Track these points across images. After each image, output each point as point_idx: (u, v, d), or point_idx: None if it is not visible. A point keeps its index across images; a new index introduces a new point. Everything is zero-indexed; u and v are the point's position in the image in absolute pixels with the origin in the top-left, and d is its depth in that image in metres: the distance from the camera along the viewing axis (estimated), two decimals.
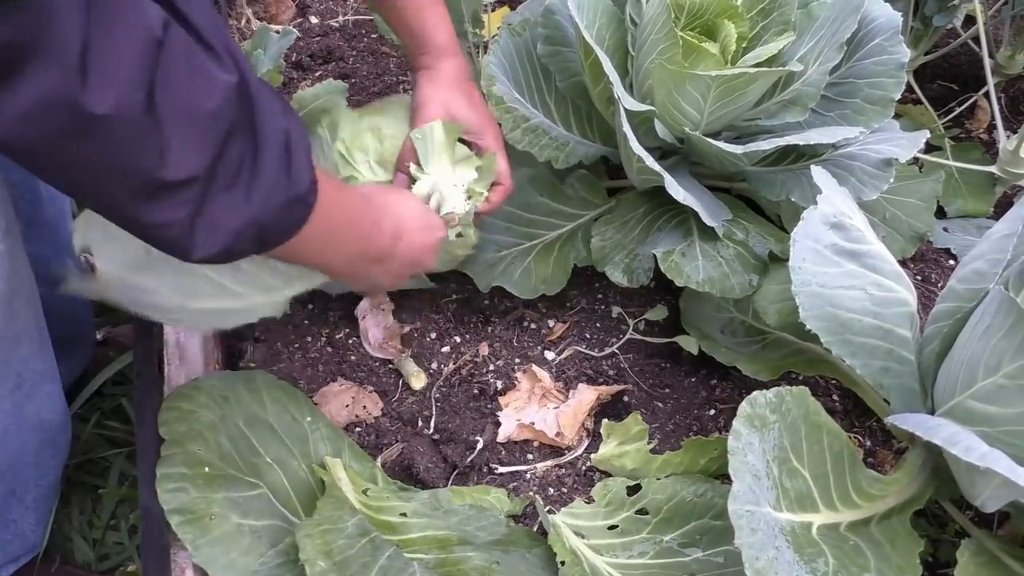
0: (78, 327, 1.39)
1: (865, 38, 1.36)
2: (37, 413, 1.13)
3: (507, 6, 1.97)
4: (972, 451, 0.90)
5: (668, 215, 1.43)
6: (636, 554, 1.12)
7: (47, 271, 1.24)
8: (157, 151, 0.72)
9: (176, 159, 0.73)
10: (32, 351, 1.09)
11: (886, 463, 1.32)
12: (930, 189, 1.58)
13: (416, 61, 1.27)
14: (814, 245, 1.12)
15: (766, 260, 1.34)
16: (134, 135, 0.70)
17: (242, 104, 0.77)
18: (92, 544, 1.32)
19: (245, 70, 0.78)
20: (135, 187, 0.74)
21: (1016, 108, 1.98)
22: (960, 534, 1.22)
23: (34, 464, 1.16)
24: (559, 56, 1.44)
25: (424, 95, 1.25)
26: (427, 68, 1.25)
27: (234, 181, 0.79)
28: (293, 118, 0.87)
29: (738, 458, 0.93)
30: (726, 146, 1.28)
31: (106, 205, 0.77)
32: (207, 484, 0.99)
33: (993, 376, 0.94)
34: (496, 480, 1.28)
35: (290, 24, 2.03)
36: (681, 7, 1.30)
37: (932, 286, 1.59)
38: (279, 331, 1.43)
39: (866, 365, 1.13)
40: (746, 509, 0.90)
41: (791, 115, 1.35)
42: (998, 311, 0.94)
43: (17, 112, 0.65)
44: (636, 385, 1.40)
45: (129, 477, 1.38)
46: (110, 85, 0.67)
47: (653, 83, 1.29)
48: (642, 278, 1.39)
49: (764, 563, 0.88)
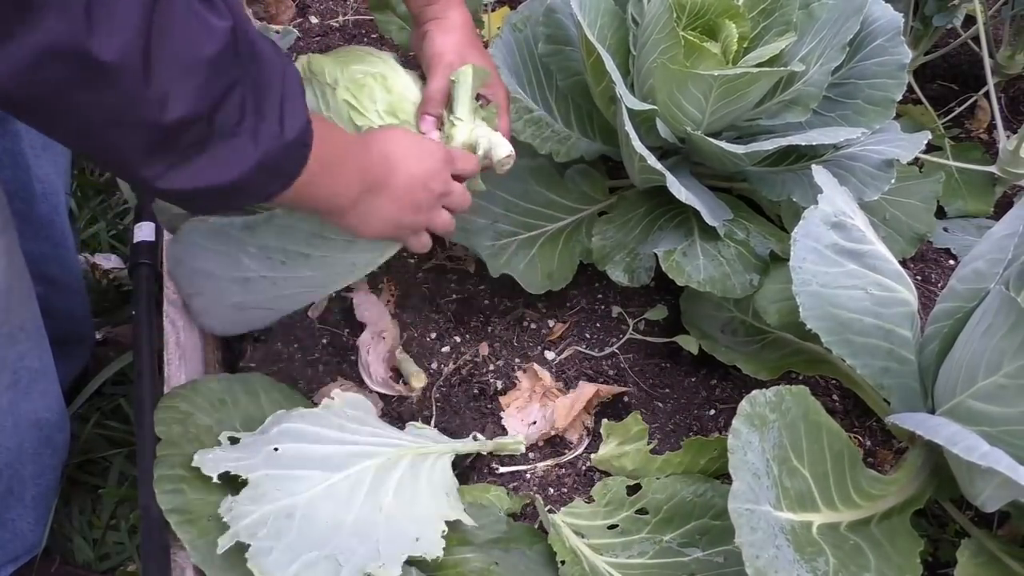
0: (76, 326, 1.39)
1: (866, 39, 1.36)
2: (34, 411, 1.13)
3: (507, 6, 1.97)
4: (973, 450, 0.90)
5: (669, 215, 1.43)
6: (636, 553, 1.12)
7: (43, 268, 1.24)
8: (159, 99, 0.72)
9: (178, 105, 0.73)
10: (28, 348, 1.09)
11: (886, 463, 1.32)
12: (930, 189, 1.58)
13: (424, 13, 1.23)
14: (815, 245, 1.12)
15: (767, 260, 1.34)
16: (137, 82, 0.70)
17: (239, 49, 0.78)
18: (92, 544, 1.31)
19: (239, 14, 0.78)
20: (139, 135, 0.74)
21: (1016, 108, 1.98)
22: (960, 534, 1.22)
23: (32, 463, 1.16)
24: (560, 55, 1.44)
25: (440, 44, 1.21)
26: (438, 18, 1.22)
27: (238, 126, 0.79)
28: (288, 61, 0.87)
29: (738, 456, 0.93)
30: (728, 146, 1.28)
31: (110, 156, 0.78)
32: (204, 487, 0.99)
33: (994, 376, 0.94)
34: (496, 480, 1.28)
35: (290, 24, 2.03)
36: (683, 7, 1.30)
37: (932, 286, 1.59)
38: (279, 331, 1.43)
39: (866, 365, 1.13)
40: (746, 508, 0.90)
41: (792, 115, 1.35)
42: (999, 311, 0.94)
43: (23, 62, 0.65)
44: (636, 385, 1.40)
45: (129, 477, 1.37)
46: (116, 32, 0.67)
47: (655, 82, 1.29)
48: (643, 277, 1.39)
49: (764, 562, 0.88)
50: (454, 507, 1.08)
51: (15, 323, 1.04)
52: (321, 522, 0.97)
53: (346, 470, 1.02)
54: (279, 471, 0.99)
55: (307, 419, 1.08)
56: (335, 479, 1.01)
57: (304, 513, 0.97)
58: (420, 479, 1.07)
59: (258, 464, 0.98)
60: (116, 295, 1.59)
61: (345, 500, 1.00)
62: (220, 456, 0.98)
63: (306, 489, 0.99)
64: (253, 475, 0.97)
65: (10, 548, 1.17)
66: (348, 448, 1.05)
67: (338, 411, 1.14)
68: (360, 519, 0.99)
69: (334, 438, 1.06)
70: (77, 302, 1.38)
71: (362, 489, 1.02)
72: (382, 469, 1.05)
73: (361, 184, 1.02)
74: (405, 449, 1.08)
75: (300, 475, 1.00)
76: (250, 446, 1.01)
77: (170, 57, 0.71)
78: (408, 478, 1.06)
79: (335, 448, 1.05)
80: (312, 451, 1.03)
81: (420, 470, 1.08)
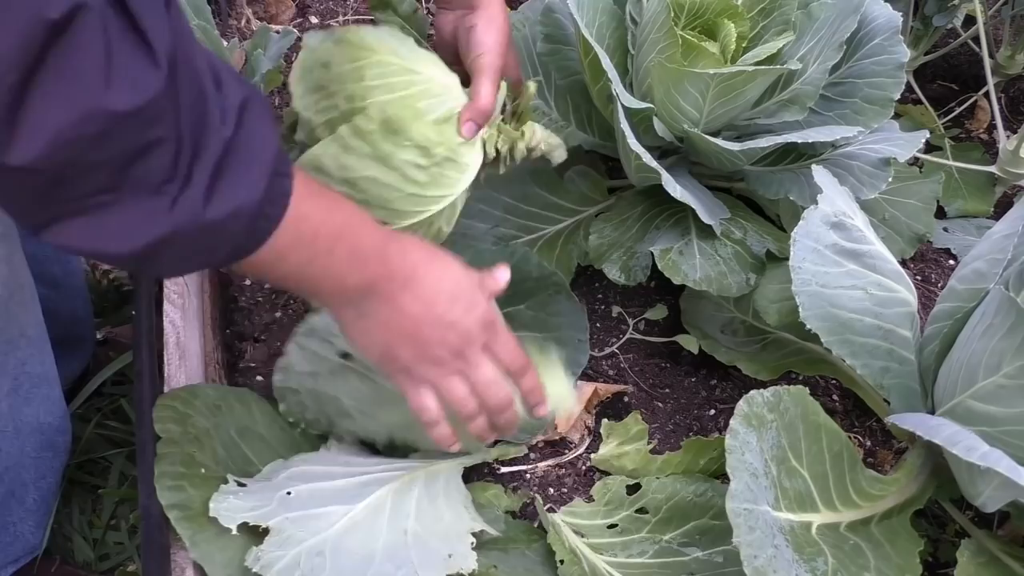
0: (78, 327, 1.39)
1: (865, 38, 1.36)
2: (36, 416, 1.13)
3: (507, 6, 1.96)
4: (973, 451, 0.90)
5: (666, 213, 1.43)
6: (635, 553, 1.12)
7: (45, 269, 1.24)
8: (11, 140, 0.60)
9: (30, 147, 0.60)
10: (30, 354, 1.09)
11: (886, 463, 1.32)
12: (930, 189, 1.58)
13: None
14: (814, 245, 1.12)
15: (763, 259, 1.34)
16: None
17: (178, 100, 0.65)
18: (92, 544, 1.32)
19: (190, 54, 0.66)
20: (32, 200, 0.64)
21: (1016, 108, 1.98)
22: (960, 534, 1.22)
23: (33, 466, 1.16)
24: (559, 54, 1.44)
25: (486, 42, 1.07)
26: (483, 7, 1.10)
27: (163, 185, 0.66)
28: (258, 115, 0.73)
29: (736, 456, 0.93)
30: (725, 144, 1.28)
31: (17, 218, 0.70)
32: (204, 484, 1.00)
33: (993, 376, 0.94)
34: (497, 479, 1.28)
35: (290, 24, 2.03)
36: (681, 6, 1.30)
37: (932, 286, 1.59)
38: (279, 331, 1.43)
39: (866, 365, 1.13)
40: (744, 507, 0.90)
41: (790, 114, 1.35)
42: (998, 311, 0.94)
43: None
44: (636, 385, 1.40)
45: (129, 477, 1.37)
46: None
47: (652, 81, 1.29)
48: (639, 276, 1.39)
49: (763, 561, 0.88)
50: (476, 519, 1.08)
51: (16, 329, 1.04)
52: (353, 554, 0.96)
53: (364, 500, 1.02)
54: (297, 513, 0.98)
55: (310, 461, 1.08)
56: (355, 510, 1.00)
57: (333, 548, 0.96)
58: (438, 497, 1.07)
59: (274, 510, 0.97)
60: (116, 295, 1.59)
61: (370, 529, 1.00)
62: (235, 505, 0.97)
63: (329, 525, 0.98)
64: (272, 522, 0.96)
65: (11, 550, 1.17)
66: (359, 479, 1.04)
67: (338, 447, 1.14)
68: (389, 545, 0.99)
69: (342, 472, 1.06)
70: (79, 303, 1.38)
71: (383, 516, 1.01)
72: (398, 494, 1.04)
73: (360, 276, 0.84)
74: (416, 470, 1.08)
75: (320, 512, 0.99)
76: (258, 492, 1.00)
77: (56, 107, 0.59)
78: (425, 498, 1.06)
79: (346, 481, 1.04)
80: (325, 488, 1.03)
81: (435, 488, 1.07)
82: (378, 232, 0.87)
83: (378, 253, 0.86)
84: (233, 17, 2.06)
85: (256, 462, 1.09)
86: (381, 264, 0.86)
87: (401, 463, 1.10)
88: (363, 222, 0.86)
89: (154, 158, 0.65)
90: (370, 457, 1.13)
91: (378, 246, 0.86)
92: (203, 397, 1.10)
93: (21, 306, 1.04)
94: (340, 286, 0.85)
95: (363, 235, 0.85)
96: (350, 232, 0.83)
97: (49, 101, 0.59)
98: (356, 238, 0.84)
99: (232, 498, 0.98)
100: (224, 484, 1.01)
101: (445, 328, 0.89)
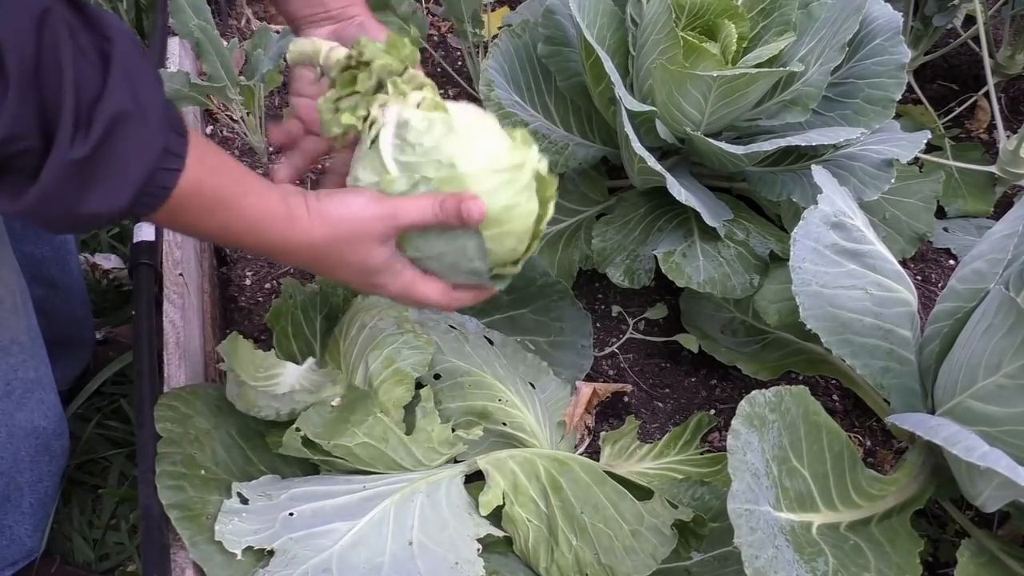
0: (77, 328, 1.39)
1: (866, 38, 1.36)
2: (30, 420, 1.12)
3: (507, 6, 1.97)
4: (972, 451, 0.90)
5: (669, 215, 1.43)
6: None
7: (44, 271, 1.24)
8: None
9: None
10: (22, 360, 1.08)
11: (886, 463, 1.32)
12: (930, 189, 1.58)
13: (346, 11, 1.02)
14: (814, 245, 1.12)
15: (767, 260, 1.34)
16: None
17: None
18: (92, 544, 1.31)
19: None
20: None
21: (1016, 108, 1.98)
22: (960, 534, 1.22)
23: (29, 470, 1.16)
24: (560, 56, 1.44)
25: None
26: (365, 15, 1.03)
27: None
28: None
29: (737, 457, 0.93)
30: (727, 146, 1.28)
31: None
32: (204, 485, 1.00)
33: (993, 376, 0.94)
34: None
35: None
36: (682, 7, 1.30)
37: (932, 286, 1.59)
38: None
39: (866, 365, 1.13)
40: (745, 508, 0.90)
41: (792, 115, 1.35)
42: (998, 311, 0.94)
43: None
44: (636, 385, 1.40)
45: (129, 477, 1.37)
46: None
47: (654, 83, 1.29)
48: (643, 279, 1.39)
49: (763, 562, 0.88)
50: (480, 523, 1.08)
51: (6, 337, 1.04)
52: (359, 568, 0.97)
53: (367, 514, 1.02)
54: (301, 532, 0.98)
55: (311, 482, 1.08)
56: (359, 525, 1.00)
57: (339, 564, 0.96)
58: (440, 505, 1.07)
59: (278, 532, 0.98)
60: (116, 295, 1.59)
61: (374, 542, 1.00)
62: (239, 529, 0.97)
63: (334, 542, 0.98)
64: (276, 543, 0.96)
65: (8, 554, 1.17)
66: (361, 494, 1.04)
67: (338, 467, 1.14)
68: (394, 556, 0.99)
69: (343, 490, 1.06)
70: (77, 304, 1.38)
71: (387, 528, 1.02)
72: (401, 505, 1.04)
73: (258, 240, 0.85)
74: (417, 481, 1.08)
75: (323, 530, 0.99)
76: (261, 513, 1.00)
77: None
78: (428, 507, 1.06)
79: (347, 498, 1.04)
80: (327, 506, 1.02)
81: (437, 497, 1.07)
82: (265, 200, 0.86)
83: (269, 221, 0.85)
84: (233, 17, 2.06)
85: (256, 462, 1.09)
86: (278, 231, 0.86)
87: (402, 476, 1.10)
88: (248, 191, 0.85)
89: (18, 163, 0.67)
90: (371, 472, 1.13)
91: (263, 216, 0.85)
92: (203, 397, 1.10)
93: (12, 312, 1.04)
94: (252, 246, 0.87)
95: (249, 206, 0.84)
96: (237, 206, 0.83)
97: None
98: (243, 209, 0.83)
99: (236, 520, 0.98)
100: (224, 485, 1.01)
101: (365, 274, 0.92)
